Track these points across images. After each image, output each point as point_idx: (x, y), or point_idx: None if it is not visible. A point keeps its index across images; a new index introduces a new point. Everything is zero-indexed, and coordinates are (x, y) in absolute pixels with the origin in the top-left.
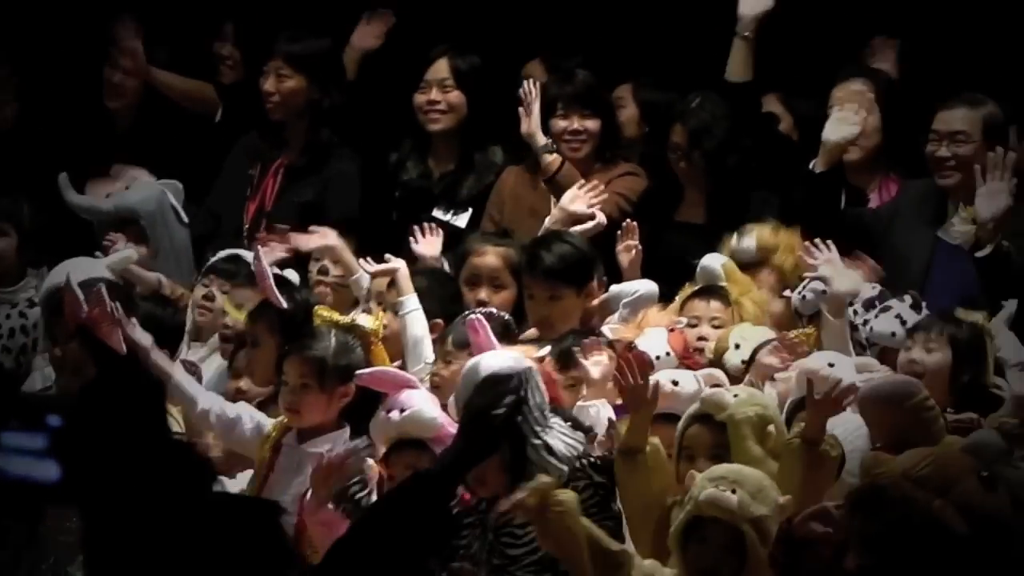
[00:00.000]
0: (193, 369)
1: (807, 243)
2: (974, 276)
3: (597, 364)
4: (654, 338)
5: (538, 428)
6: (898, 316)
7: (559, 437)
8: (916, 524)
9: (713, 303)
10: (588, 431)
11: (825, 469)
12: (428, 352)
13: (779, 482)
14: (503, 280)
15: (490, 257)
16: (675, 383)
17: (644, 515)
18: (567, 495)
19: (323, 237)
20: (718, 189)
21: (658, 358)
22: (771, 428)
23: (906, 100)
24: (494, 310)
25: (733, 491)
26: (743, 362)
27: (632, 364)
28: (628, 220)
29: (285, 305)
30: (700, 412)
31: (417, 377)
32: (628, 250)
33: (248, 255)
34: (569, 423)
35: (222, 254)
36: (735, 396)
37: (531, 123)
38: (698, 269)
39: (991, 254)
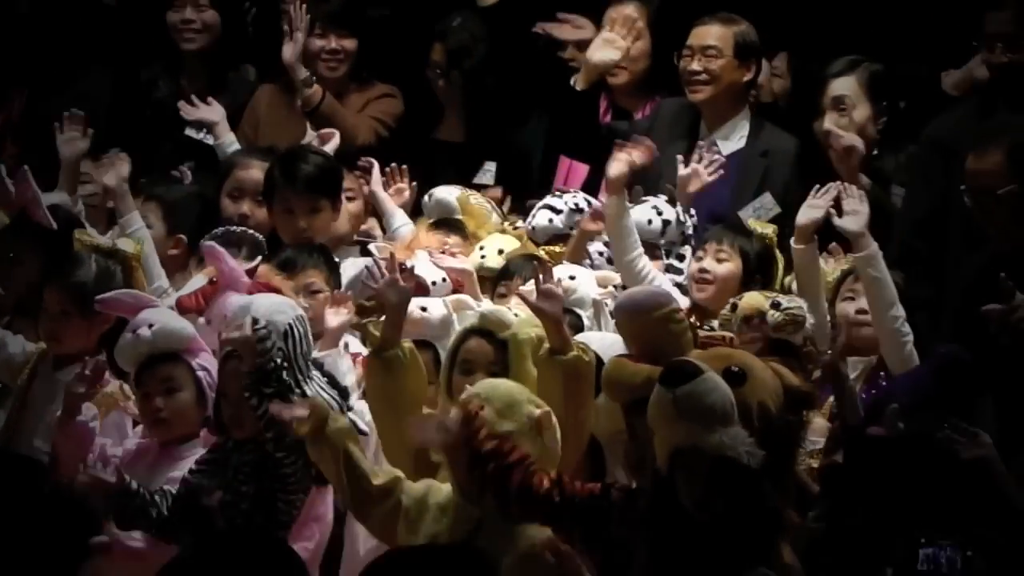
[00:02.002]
0: None
1: None
2: (726, 191)
3: (336, 315)
4: (427, 265)
5: (300, 378)
6: (655, 207)
7: (318, 389)
8: None
9: (452, 237)
10: (344, 390)
11: (581, 376)
12: (159, 270)
13: (543, 397)
14: None
15: (255, 171)
16: (572, 277)
17: (395, 416)
18: (342, 420)
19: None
20: (476, 109)
21: (434, 284)
22: None
23: (677, 25)
24: (248, 230)
25: (482, 408)
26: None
27: (391, 261)
28: (395, 165)
29: (54, 225)
30: (480, 327)
31: (155, 295)
32: (399, 192)
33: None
34: (327, 379)
35: None
36: (516, 315)
37: (293, 51)
38: (432, 201)
39: None
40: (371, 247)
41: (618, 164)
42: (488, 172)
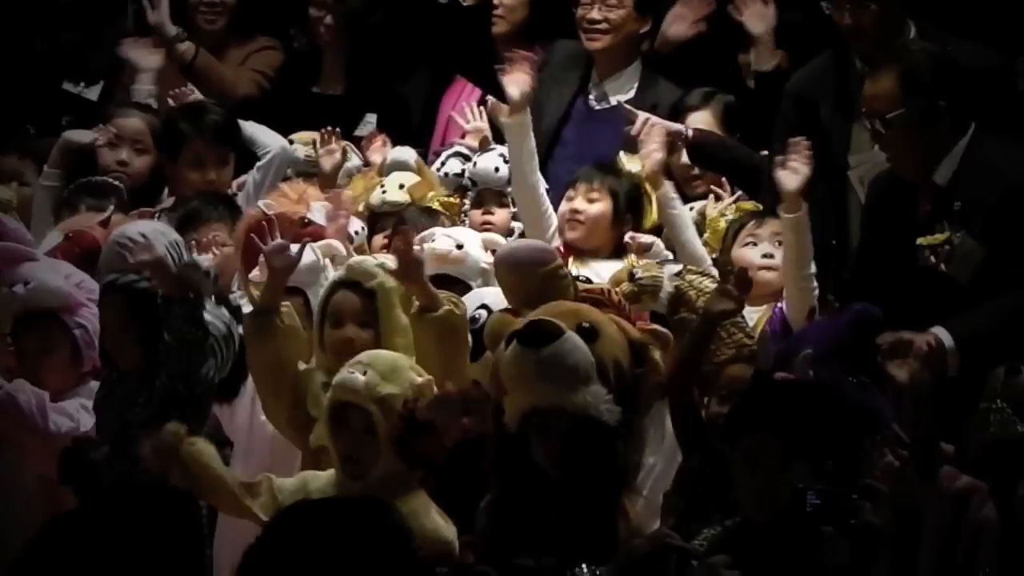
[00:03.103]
0: None
1: None
2: (615, 140)
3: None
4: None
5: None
6: (501, 155)
7: (209, 312)
8: None
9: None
10: (235, 308)
11: (454, 329)
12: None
13: (420, 359)
14: (145, 144)
15: (135, 120)
16: (459, 247)
17: (274, 378)
18: (198, 440)
19: None
20: (358, 55)
21: (357, 232)
22: (415, 298)
23: None
24: (108, 179)
25: (365, 373)
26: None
27: (271, 225)
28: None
29: None
30: (347, 278)
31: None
32: (330, 154)
33: None
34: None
35: None
36: (380, 265)
37: (159, 13)
38: (390, 159)
39: None
40: (260, 203)
41: (517, 83)
42: (369, 124)
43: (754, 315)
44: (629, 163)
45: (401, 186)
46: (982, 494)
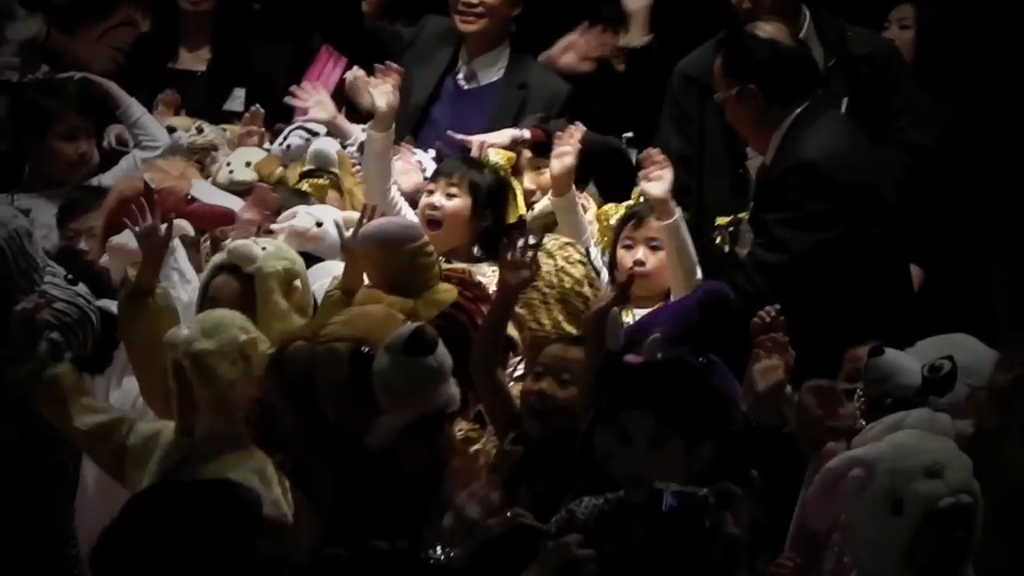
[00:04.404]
0: None
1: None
2: (483, 122)
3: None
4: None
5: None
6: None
7: (54, 287)
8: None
9: (331, 193)
10: (98, 282)
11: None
12: None
13: None
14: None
15: None
16: (319, 224)
17: (149, 357)
18: (59, 368)
19: None
20: (223, 27)
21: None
22: (297, 283)
23: None
24: None
25: (188, 329)
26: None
27: (151, 197)
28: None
29: None
30: (227, 263)
31: None
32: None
33: None
34: (67, 276)
35: None
36: (263, 249)
37: None
38: (312, 151)
39: None
40: (144, 176)
41: (386, 95)
42: (237, 99)
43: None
44: (494, 155)
45: (248, 164)
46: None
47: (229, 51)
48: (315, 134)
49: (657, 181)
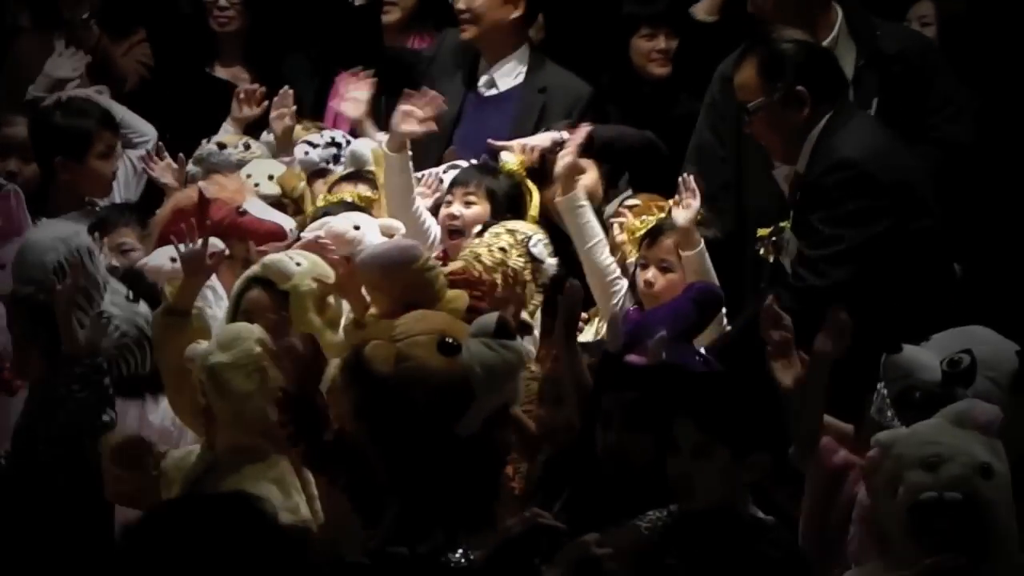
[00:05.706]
0: None
1: None
2: (506, 127)
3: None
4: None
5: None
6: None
7: (115, 305)
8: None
9: (360, 186)
10: (156, 297)
11: None
12: None
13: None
14: (29, 152)
15: (20, 127)
16: (356, 227)
17: (178, 375)
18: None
19: None
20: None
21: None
22: (331, 299)
23: None
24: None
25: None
26: None
27: (205, 205)
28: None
29: None
30: (261, 275)
31: None
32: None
33: None
34: (130, 291)
35: None
36: (298, 264)
37: None
38: (348, 153)
39: None
40: (199, 185)
41: (407, 123)
42: None
43: None
44: (508, 160)
45: (271, 177)
46: (857, 471)
47: (263, 67)
48: (315, 146)
49: (684, 209)
